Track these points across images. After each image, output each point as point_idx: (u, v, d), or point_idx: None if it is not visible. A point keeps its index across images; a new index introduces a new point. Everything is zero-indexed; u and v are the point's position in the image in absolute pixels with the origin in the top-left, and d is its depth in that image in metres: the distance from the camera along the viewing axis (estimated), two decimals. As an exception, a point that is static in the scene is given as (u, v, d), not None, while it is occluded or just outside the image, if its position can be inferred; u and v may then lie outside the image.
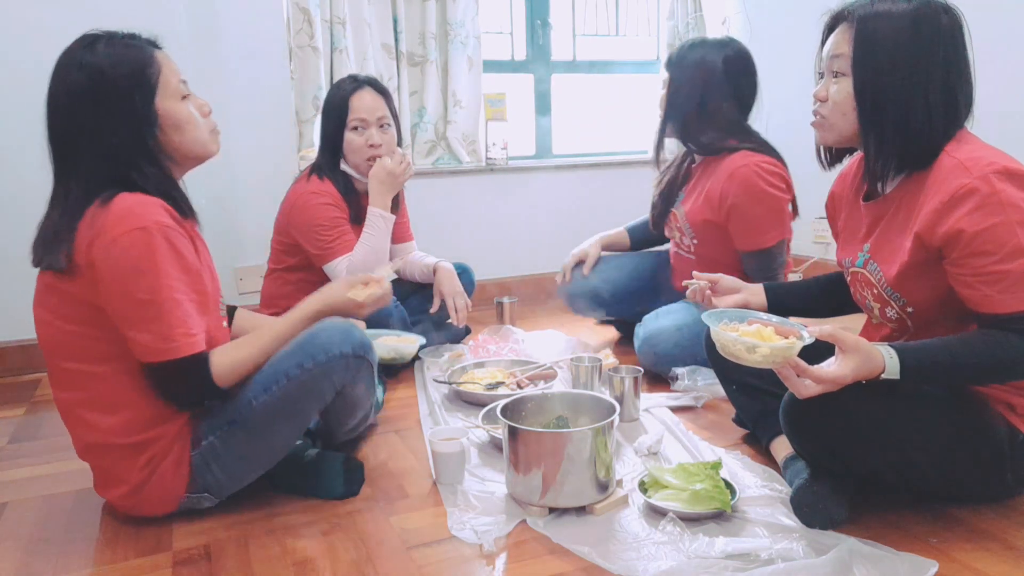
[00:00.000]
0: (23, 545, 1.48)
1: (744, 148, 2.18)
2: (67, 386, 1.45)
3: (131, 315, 1.33)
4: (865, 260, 1.49)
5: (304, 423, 1.54)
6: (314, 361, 1.46)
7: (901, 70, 1.34)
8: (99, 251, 1.32)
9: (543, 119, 3.70)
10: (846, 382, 1.28)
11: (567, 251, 3.57)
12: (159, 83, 1.40)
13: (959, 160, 1.31)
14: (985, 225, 1.25)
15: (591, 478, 1.46)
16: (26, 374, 2.58)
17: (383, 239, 2.26)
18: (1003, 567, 1.29)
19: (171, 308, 1.34)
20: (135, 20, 2.56)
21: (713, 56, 2.20)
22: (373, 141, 2.27)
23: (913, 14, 1.34)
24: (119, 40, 1.40)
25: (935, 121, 1.35)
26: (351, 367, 1.51)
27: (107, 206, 1.33)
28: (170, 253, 1.34)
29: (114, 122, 1.36)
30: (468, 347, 2.55)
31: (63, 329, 1.40)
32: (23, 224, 2.53)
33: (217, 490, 1.51)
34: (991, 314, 1.29)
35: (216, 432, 1.46)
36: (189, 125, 1.45)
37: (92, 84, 1.34)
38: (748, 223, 2.17)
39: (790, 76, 3.59)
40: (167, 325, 1.33)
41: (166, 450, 1.45)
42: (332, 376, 1.49)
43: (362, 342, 1.52)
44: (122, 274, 1.31)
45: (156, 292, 1.32)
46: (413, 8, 3.22)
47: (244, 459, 1.50)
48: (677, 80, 2.25)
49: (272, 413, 1.46)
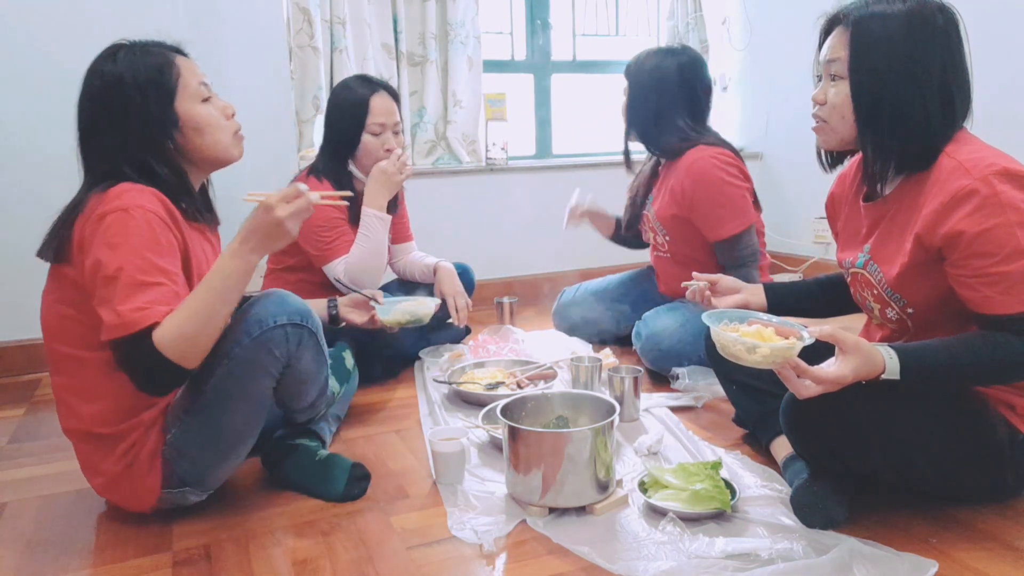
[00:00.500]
0: (23, 545, 1.48)
1: (700, 143, 2.25)
2: (59, 370, 1.47)
3: (100, 293, 1.32)
4: (865, 261, 1.49)
5: (259, 403, 1.48)
6: (250, 337, 1.40)
7: (897, 72, 1.34)
8: (87, 230, 1.34)
9: (543, 119, 3.70)
10: (846, 383, 1.28)
11: (567, 251, 3.60)
12: (178, 86, 1.44)
13: (959, 161, 1.30)
14: (985, 226, 1.25)
15: (591, 478, 1.46)
16: (26, 374, 2.58)
17: (380, 239, 2.25)
18: (1003, 567, 1.29)
19: (130, 286, 1.29)
20: (136, 20, 2.59)
21: (668, 63, 2.29)
22: (390, 146, 2.28)
23: (908, 15, 1.34)
24: (139, 47, 1.44)
25: (932, 122, 1.35)
26: (291, 337, 1.44)
27: (105, 191, 1.36)
28: (145, 232, 1.33)
29: (130, 125, 1.40)
30: (468, 347, 2.55)
31: (59, 312, 1.43)
32: (23, 224, 2.54)
33: (195, 483, 1.50)
34: (991, 315, 1.29)
35: (177, 423, 1.46)
36: (210, 127, 1.48)
37: (110, 91, 1.40)
38: (709, 212, 2.22)
39: (790, 76, 3.60)
40: (121, 301, 1.29)
41: (141, 443, 1.46)
42: (272, 348, 1.42)
43: (298, 309, 1.46)
44: (97, 252, 1.32)
45: (120, 269, 1.30)
46: (413, 8, 3.23)
47: (206, 447, 1.47)
48: (634, 88, 2.35)
49: (221, 396, 1.43)
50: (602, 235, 2.72)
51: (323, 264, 2.27)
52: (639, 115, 2.35)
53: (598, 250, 3.61)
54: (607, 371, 2.03)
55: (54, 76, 2.52)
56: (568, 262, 3.61)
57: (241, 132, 1.56)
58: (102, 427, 1.44)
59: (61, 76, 2.54)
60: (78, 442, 1.50)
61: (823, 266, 3.50)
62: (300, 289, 2.34)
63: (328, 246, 2.25)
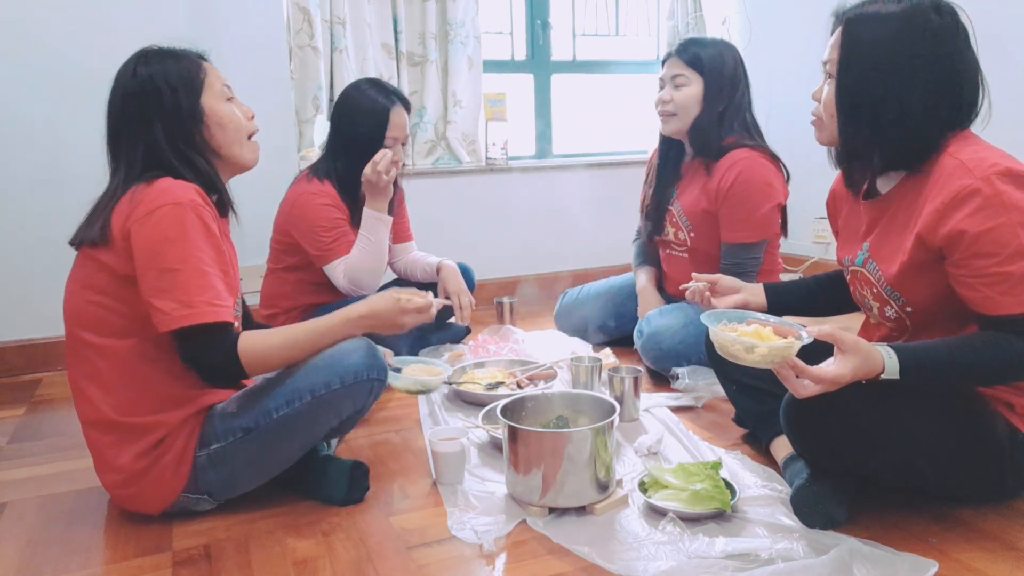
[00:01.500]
0: (23, 545, 1.48)
1: (745, 145, 2.22)
2: (80, 358, 1.47)
3: (157, 283, 1.38)
4: (864, 259, 1.49)
5: (316, 438, 1.57)
6: (342, 383, 1.49)
7: (880, 74, 1.34)
8: (135, 222, 1.38)
9: (543, 119, 3.70)
10: (845, 382, 1.28)
11: (567, 251, 3.60)
12: (205, 83, 1.52)
13: (961, 161, 1.30)
14: (987, 226, 1.25)
15: (591, 478, 1.46)
16: (26, 374, 2.58)
17: (381, 240, 2.26)
18: (1003, 567, 1.29)
19: (196, 276, 1.38)
20: (136, 20, 2.59)
21: (728, 56, 2.28)
22: (398, 157, 2.27)
23: (900, 16, 1.34)
24: (168, 52, 1.52)
25: (913, 124, 1.34)
26: (374, 391, 1.55)
27: (150, 184, 1.41)
28: (200, 227, 1.41)
29: (162, 118, 1.46)
30: (468, 347, 2.55)
31: (87, 298, 1.45)
32: (24, 224, 2.54)
33: (217, 493, 1.52)
34: (992, 315, 1.29)
35: (229, 437, 1.48)
36: (232, 124, 1.54)
37: (143, 88, 1.46)
38: (736, 211, 2.20)
39: (790, 76, 3.60)
40: (189, 292, 1.38)
41: (169, 443, 1.46)
42: (354, 398, 1.52)
43: (385, 366, 1.56)
44: (153, 244, 1.37)
45: (183, 261, 1.38)
46: (413, 8, 3.22)
47: (253, 465, 1.52)
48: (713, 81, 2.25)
49: (290, 426, 1.49)
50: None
51: (323, 264, 2.27)
52: (714, 107, 2.25)
53: (598, 250, 3.63)
54: (607, 371, 2.03)
55: (54, 75, 2.52)
56: (568, 262, 3.61)
57: (256, 140, 1.62)
58: (128, 416, 1.45)
59: (60, 74, 2.56)
60: (98, 433, 1.48)
61: (823, 266, 3.50)
62: (299, 289, 2.36)
63: (329, 246, 2.25)
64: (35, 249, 2.53)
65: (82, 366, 1.47)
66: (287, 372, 1.50)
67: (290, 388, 1.48)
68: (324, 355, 1.51)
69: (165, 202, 1.38)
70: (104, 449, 1.48)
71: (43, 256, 2.49)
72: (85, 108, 2.52)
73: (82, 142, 2.52)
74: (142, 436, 1.45)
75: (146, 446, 1.45)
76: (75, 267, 1.49)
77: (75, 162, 2.52)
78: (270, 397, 1.48)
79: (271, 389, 1.50)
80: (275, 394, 1.49)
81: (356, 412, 1.57)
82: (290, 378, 1.49)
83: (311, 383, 1.48)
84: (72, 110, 2.51)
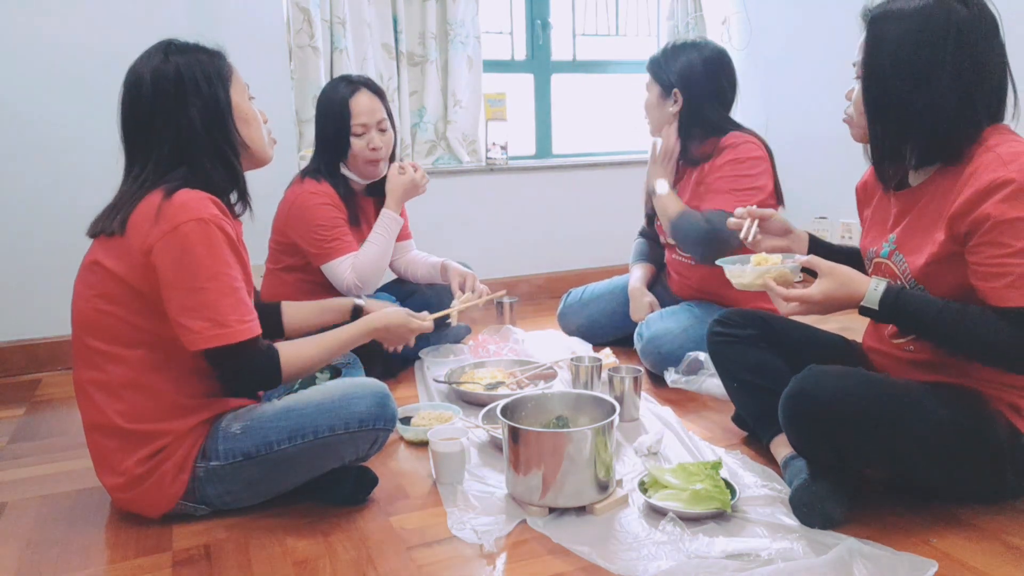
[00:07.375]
0: (23, 545, 1.48)
1: (732, 131, 2.26)
2: (88, 364, 1.47)
3: (185, 302, 1.38)
4: (890, 251, 1.49)
5: (316, 474, 1.54)
6: (346, 429, 1.48)
7: (901, 72, 1.35)
8: (158, 239, 1.37)
9: (543, 119, 3.70)
10: (815, 301, 1.37)
11: (567, 251, 3.60)
12: (232, 78, 1.53)
13: (998, 154, 1.30)
14: (1011, 216, 1.24)
15: (591, 478, 1.46)
16: (26, 374, 2.58)
17: (391, 240, 2.31)
18: (1003, 567, 1.29)
19: (227, 294, 1.40)
20: (136, 20, 2.59)
21: (694, 57, 2.30)
22: (374, 144, 2.27)
23: (921, 13, 1.34)
24: (194, 45, 1.52)
25: (947, 118, 1.33)
26: (378, 441, 1.55)
27: (170, 198, 1.40)
28: (225, 243, 1.42)
29: (199, 105, 1.46)
30: (468, 347, 2.55)
31: (97, 307, 1.44)
32: (24, 225, 2.54)
33: (215, 505, 1.52)
34: (999, 308, 1.28)
35: (229, 458, 1.47)
36: (255, 122, 1.57)
37: (179, 73, 1.45)
38: (722, 178, 2.21)
39: (790, 76, 3.60)
40: (221, 310, 1.39)
41: (171, 451, 1.46)
42: (357, 445, 1.51)
43: (394, 415, 1.55)
44: (179, 263, 1.38)
45: (212, 279, 1.39)
46: (413, 8, 3.22)
47: (250, 488, 1.52)
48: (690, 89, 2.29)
49: (290, 462, 1.48)
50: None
51: (322, 263, 2.27)
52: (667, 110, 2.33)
53: (598, 250, 3.63)
54: (607, 371, 2.03)
55: (55, 75, 2.52)
56: (568, 262, 3.61)
57: (273, 137, 1.65)
58: (134, 423, 1.45)
59: (61, 75, 2.56)
60: (101, 437, 1.48)
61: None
62: (298, 289, 2.36)
63: (328, 245, 2.25)
64: (35, 249, 2.53)
65: (89, 371, 1.46)
66: (298, 404, 1.49)
67: (295, 424, 1.47)
68: (336, 395, 1.50)
69: (188, 218, 1.37)
70: (107, 453, 1.48)
71: (43, 256, 2.50)
72: (85, 108, 2.53)
73: (83, 142, 2.52)
74: (146, 443, 1.45)
75: (147, 452, 1.45)
76: (84, 271, 1.47)
77: (75, 162, 2.53)
78: (274, 429, 1.47)
79: (277, 421, 1.48)
80: (280, 427, 1.47)
81: (357, 459, 1.55)
82: (298, 413, 1.48)
83: (316, 424, 1.47)
84: (72, 110, 2.51)
